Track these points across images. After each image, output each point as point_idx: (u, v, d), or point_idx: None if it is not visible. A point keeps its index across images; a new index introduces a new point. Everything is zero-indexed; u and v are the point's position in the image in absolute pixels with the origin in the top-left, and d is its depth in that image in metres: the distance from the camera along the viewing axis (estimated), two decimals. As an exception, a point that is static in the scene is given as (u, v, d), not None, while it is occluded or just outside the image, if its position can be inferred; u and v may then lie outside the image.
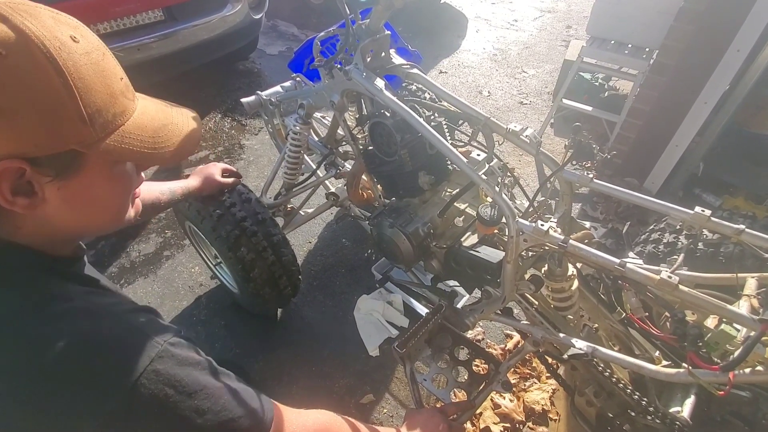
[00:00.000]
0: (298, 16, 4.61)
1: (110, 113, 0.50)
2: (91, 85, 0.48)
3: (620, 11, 2.47)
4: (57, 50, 0.45)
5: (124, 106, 0.53)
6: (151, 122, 0.56)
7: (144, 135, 0.54)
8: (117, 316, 0.53)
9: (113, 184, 0.56)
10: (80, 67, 0.47)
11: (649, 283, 0.86)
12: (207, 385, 0.54)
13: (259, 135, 3.00)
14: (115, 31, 2.38)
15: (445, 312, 1.24)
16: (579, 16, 4.92)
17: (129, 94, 0.55)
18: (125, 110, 0.53)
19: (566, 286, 1.14)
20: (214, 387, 0.54)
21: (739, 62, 1.91)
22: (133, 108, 0.55)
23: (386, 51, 1.29)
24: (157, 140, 0.56)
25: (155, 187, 1.12)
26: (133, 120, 0.54)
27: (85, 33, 0.51)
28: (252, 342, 1.79)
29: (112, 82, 0.51)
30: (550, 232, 0.96)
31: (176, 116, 0.61)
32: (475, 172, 1.03)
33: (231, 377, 0.60)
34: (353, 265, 2.11)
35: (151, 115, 0.57)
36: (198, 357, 0.55)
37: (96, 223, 0.59)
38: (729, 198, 2.39)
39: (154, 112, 0.58)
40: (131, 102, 0.55)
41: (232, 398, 0.56)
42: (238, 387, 0.59)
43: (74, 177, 0.50)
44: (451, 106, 1.30)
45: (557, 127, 3.12)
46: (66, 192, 0.51)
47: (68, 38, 0.47)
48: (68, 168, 0.49)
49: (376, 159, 1.38)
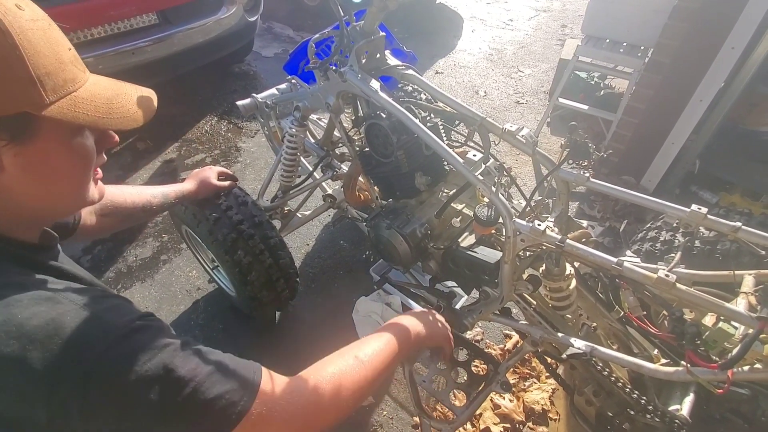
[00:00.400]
0: (293, 18, 4.60)
1: (60, 78, 0.51)
2: (39, 49, 0.49)
3: (615, 10, 2.47)
4: (3, 14, 0.46)
5: (75, 74, 0.54)
6: (105, 91, 0.57)
7: (98, 102, 0.54)
8: (74, 302, 0.51)
9: (71, 155, 0.55)
10: (27, 31, 0.48)
11: (646, 281, 0.86)
12: (174, 367, 0.51)
13: (255, 138, 2.99)
14: (109, 35, 2.37)
15: (443, 313, 1.24)
16: (574, 15, 4.93)
17: (79, 65, 0.56)
18: (76, 78, 0.54)
19: (564, 286, 1.14)
20: (184, 368, 0.52)
21: (733, 59, 1.92)
22: (85, 78, 0.56)
23: (381, 52, 1.29)
24: (112, 108, 0.56)
25: (146, 190, 1.12)
26: (85, 88, 0.54)
27: (29, 4, 0.52)
28: (250, 346, 1.78)
29: (61, 49, 0.52)
30: (547, 232, 0.96)
31: (129, 88, 0.62)
32: (472, 172, 1.03)
33: (209, 353, 0.57)
34: (351, 267, 2.10)
35: (103, 85, 0.58)
36: (164, 340, 0.53)
37: (58, 199, 0.58)
38: (726, 195, 2.39)
39: (106, 83, 0.59)
40: (82, 73, 0.56)
41: (208, 377, 0.53)
42: (216, 361, 0.56)
43: (30, 143, 0.51)
44: (446, 107, 1.30)
45: (554, 126, 3.13)
46: (23, 160, 0.51)
47: (13, 5, 0.48)
48: (23, 132, 0.49)
49: (372, 160, 1.37)
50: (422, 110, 1.35)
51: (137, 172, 2.65)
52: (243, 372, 0.58)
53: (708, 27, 1.94)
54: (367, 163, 1.41)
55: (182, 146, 2.90)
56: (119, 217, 1.03)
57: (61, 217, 0.66)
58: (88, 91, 0.54)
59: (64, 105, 0.51)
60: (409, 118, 1.11)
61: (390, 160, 1.29)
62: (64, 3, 2.18)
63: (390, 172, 1.33)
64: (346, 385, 0.68)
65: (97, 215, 0.97)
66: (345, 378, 0.69)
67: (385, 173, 1.36)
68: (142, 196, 1.09)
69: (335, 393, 0.66)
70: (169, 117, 3.14)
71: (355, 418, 1.58)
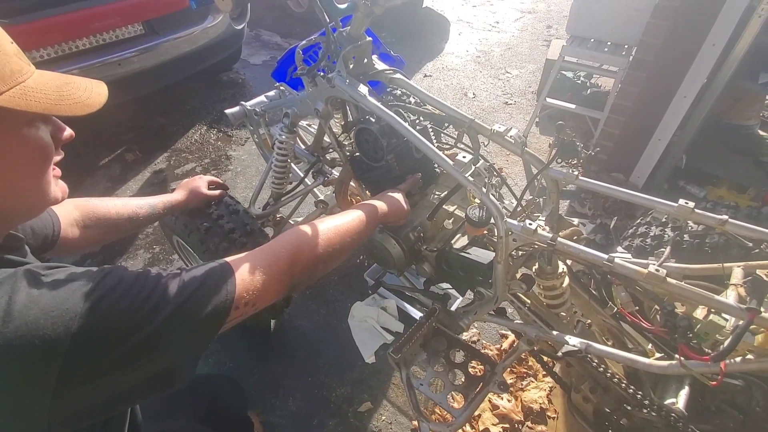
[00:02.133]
0: (280, 25, 4.61)
1: (7, 69, 0.51)
2: None
3: (598, 10, 2.51)
4: None
5: (21, 66, 0.53)
6: (53, 81, 0.56)
7: (48, 90, 0.54)
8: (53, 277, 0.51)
9: (28, 148, 0.55)
10: None
11: (637, 277, 0.86)
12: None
13: (245, 145, 2.98)
14: (95, 46, 2.35)
15: (438, 315, 1.24)
16: (559, 15, 5.00)
17: (23, 58, 0.55)
18: (22, 69, 0.53)
19: (557, 284, 1.14)
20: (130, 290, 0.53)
21: (715, 56, 1.95)
22: (31, 71, 0.55)
23: (368, 57, 1.29)
24: (62, 96, 0.56)
25: (132, 201, 1.10)
26: (33, 78, 0.54)
27: None
28: (246, 355, 1.76)
29: (4, 42, 0.52)
30: (539, 231, 0.97)
31: (77, 78, 0.62)
32: (462, 174, 1.04)
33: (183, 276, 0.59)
34: (346, 272, 2.10)
35: (50, 76, 0.57)
36: (86, 272, 0.53)
37: (18, 196, 0.57)
38: (712, 188, 2.43)
39: (53, 75, 0.58)
40: (27, 65, 0.55)
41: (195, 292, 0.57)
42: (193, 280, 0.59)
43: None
44: (435, 110, 1.31)
45: (542, 126, 3.16)
46: None
47: None
48: None
49: (363, 165, 1.37)
50: (411, 114, 1.35)
51: (126, 184, 2.63)
52: (219, 281, 0.62)
53: (689, 24, 1.98)
54: (358, 168, 1.41)
55: (172, 156, 2.88)
56: (103, 229, 1.01)
57: (24, 217, 0.65)
58: (37, 81, 0.54)
59: (14, 94, 0.50)
60: (398, 121, 1.12)
61: (381, 164, 1.29)
62: (49, 15, 2.17)
63: (381, 176, 1.33)
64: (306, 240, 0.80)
65: (79, 227, 0.95)
66: (305, 235, 0.81)
67: (376, 177, 1.36)
68: (128, 207, 1.07)
69: (301, 242, 0.78)
70: (158, 127, 3.13)
71: (355, 424, 1.57)
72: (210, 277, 0.61)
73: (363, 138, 1.29)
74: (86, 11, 2.26)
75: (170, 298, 0.54)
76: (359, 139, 1.31)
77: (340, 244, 0.86)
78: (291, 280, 0.74)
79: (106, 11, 2.32)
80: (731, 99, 2.35)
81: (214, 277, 0.61)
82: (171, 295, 0.55)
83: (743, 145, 2.44)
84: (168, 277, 0.57)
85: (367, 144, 1.29)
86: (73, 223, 0.94)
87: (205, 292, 0.58)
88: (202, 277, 0.60)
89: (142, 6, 2.46)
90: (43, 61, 2.22)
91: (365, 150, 1.31)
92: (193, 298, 0.56)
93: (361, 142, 1.31)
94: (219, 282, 0.61)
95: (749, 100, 2.41)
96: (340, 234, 0.86)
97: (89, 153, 2.85)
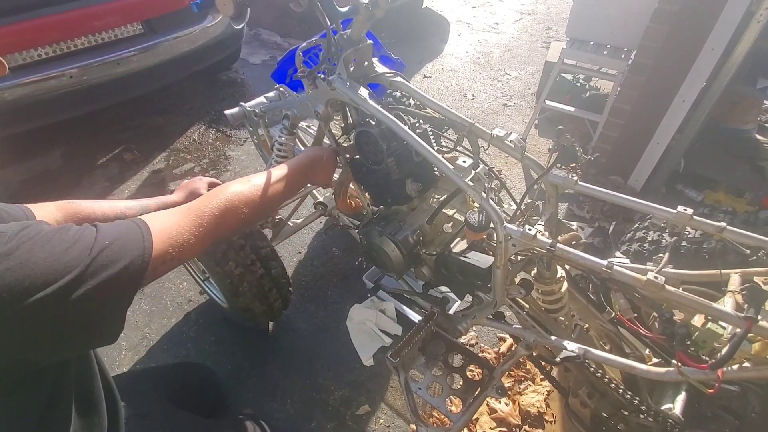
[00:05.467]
0: (280, 24, 4.60)
1: None
2: None
3: (598, 13, 2.51)
4: None
5: None
6: None
7: None
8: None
9: None
10: None
11: (636, 284, 0.87)
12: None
13: (244, 145, 2.97)
14: (93, 45, 2.34)
15: (437, 319, 1.24)
16: (558, 17, 5.00)
17: None
18: None
19: (556, 288, 1.14)
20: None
21: (714, 60, 1.96)
22: None
23: (369, 60, 1.29)
24: None
25: (120, 203, 1.06)
26: None
27: None
28: (244, 358, 1.76)
29: None
30: (538, 237, 0.97)
31: None
32: (462, 179, 1.04)
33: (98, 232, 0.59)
34: (344, 274, 2.10)
35: None
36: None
37: None
38: (710, 192, 2.44)
39: None
40: None
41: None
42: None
43: None
44: (435, 113, 1.31)
45: (542, 128, 3.16)
46: None
47: None
48: None
49: (363, 168, 1.37)
50: (411, 117, 1.35)
51: (124, 184, 2.62)
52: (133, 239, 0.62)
53: (688, 29, 1.99)
54: (357, 171, 1.41)
55: (170, 156, 2.87)
56: None
57: None
58: None
59: None
60: (398, 125, 1.12)
61: (380, 168, 1.29)
62: (47, 14, 2.15)
63: (381, 180, 1.33)
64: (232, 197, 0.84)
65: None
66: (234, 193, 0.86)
67: (375, 180, 1.36)
68: (115, 208, 1.03)
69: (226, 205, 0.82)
70: (157, 126, 3.11)
71: (353, 427, 1.57)
72: (125, 233, 0.62)
73: (363, 141, 1.29)
74: (85, 10, 2.25)
75: (87, 251, 0.55)
76: (359, 142, 1.30)
77: (264, 206, 0.92)
78: (214, 239, 0.79)
79: (104, 10, 2.31)
80: (729, 103, 2.36)
81: (130, 233, 0.63)
82: (88, 248, 0.56)
83: (741, 149, 2.45)
84: (84, 232, 0.58)
85: (367, 147, 1.29)
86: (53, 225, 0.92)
87: (121, 245, 0.59)
88: (116, 232, 0.61)
89: (141, 5, 2.45)
90: (41, 59, 2.21)
91: (365, 153, 1.31)
92: (106, 253, 0.57)
93: (360, 144, 1.31)
94: (134, 238, 0.62)
95: (747, 105, 2.42)
96: (267, 196, 0.93)
97: (87, 152, 2.84)
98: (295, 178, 1.05)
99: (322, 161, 1.15)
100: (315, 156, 1.15)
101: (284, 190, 1.00)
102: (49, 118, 2.50)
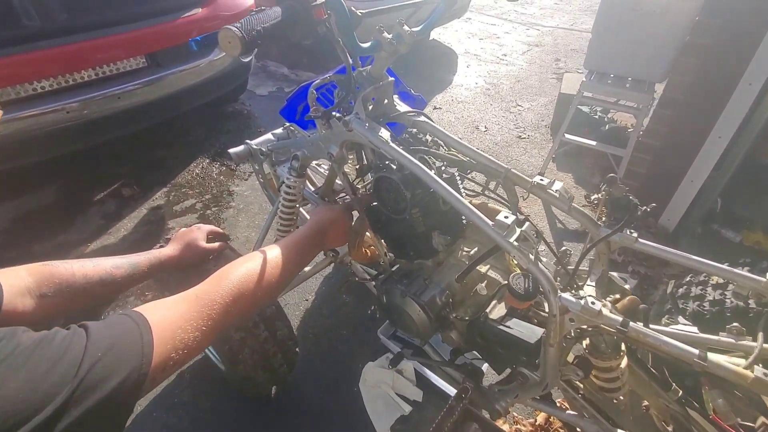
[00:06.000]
0: (287, 56, 4.58)
1: None
2: None
3: (617, 45, 2.42)
4: None
5: None
6: None
7: None
8: None
9: None
10: None
11: (740, 382, 0.69)
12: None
13: (249, 180, 2.84)
14: (94, 79, 2.25)
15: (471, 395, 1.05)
16: (566, 49, 4.98)
17: None
18: None
19: (615, 365, 0.96)
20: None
21: (752, 96, 1.83)
22: None
23: (389, 98, 1.16)
24: None
25: (107, 261, 0.92)
26: None
27: None
28: (244, 428, 1.55)
29: None
30: (604, 312, 0.80)
31: None
32: (505, 238, 0.88)
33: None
34: (356, 324, 1.90)
35: None
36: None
37: None
38: (748, 233, 2.26)
39: None
40: None
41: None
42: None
43: None
44: (464, 157, 1.16)
45: (559, 162, 3.03)
46: None
47: None
48: None
49: (382, 216, 1.21)
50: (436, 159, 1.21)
51: (121, 221, 2.47)
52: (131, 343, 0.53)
53: (722, 63, 1.88)
54: (376, 220, 1.25)
55: (171, 191, 2.74)
56: (67, 296, 0.83)
57: None
58: None
59: None
60: (425, 171, 0.97)
61: (403, 217, 1.13)
62: (50, 46, 2.08)
63: (403, 231, 1.17)
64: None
65: (33, 297, 0.77)
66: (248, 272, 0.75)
67: (397, 232, 1.20)
68: (99, 268, 0.89)
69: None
70: (158, 160, 3.00)
71: None
72: (121, 340, 0.51)
73: (383, 187, 1.14)
74: (87, 43, 2.17)
75: (74, 369, 0.45)
76: (378, 189, 1.15)
77: (278, 285, 0.81)
78: (222, 330, 0.68)
79: (106, 44, 2.23)
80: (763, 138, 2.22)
81: (127, 337, 0.52)
82: (75, 365, 0.46)
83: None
84: (72, 341, 0.48)
85: (387, 194, 1.14)
86: (24, 293, 0.76)
87: (116, 356, 0.49)
88: (110, 337, 0.50)
89: (144, 38, 2.37)
90: (43, 92, 2.12)
91: (385, 200, 1.16)
92: (97, 369, 0.47)
93: (380, 191, 1.15)
94: (132, 342, 0.52)
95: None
96: (282, 272, 0.82)
97: (83, 187, 2.71)
98: (309, 247, 0.96)
99: (336, 225, 1.06)
100: (327, 220, 1.05)
101: (299, 263, 0.91)
102: (46, 154, 2.38)
